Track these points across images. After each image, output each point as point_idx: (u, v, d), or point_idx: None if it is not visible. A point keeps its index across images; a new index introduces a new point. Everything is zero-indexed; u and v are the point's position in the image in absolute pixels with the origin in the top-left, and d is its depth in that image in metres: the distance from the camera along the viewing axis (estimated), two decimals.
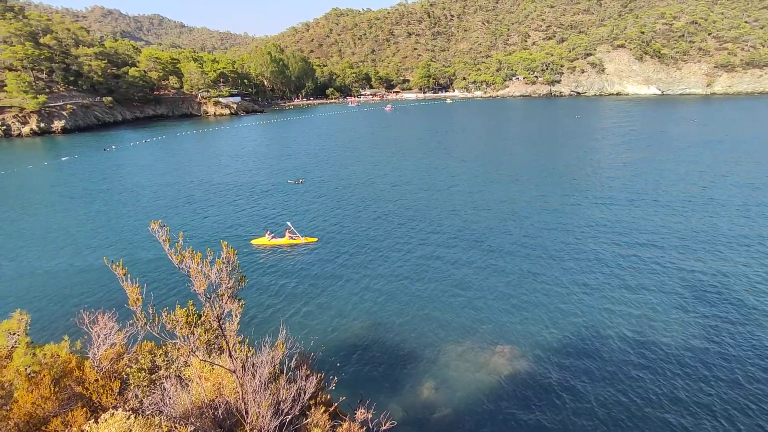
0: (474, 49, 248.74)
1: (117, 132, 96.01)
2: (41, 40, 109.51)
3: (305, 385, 6.62)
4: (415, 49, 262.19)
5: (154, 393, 8.35)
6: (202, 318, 5.74)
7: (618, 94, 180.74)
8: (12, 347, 9.33)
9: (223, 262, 5.31)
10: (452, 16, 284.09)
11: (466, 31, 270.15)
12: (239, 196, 41.54)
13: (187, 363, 8.23)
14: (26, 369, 8.79)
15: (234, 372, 5.79)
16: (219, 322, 5.44)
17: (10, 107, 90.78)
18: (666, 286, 22.07)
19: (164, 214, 36.01)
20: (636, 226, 30.44)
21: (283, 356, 6.64)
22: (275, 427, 5.79)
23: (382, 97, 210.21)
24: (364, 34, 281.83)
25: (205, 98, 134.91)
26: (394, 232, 30.62)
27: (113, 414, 5.32)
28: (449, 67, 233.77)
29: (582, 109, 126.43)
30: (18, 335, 9.47)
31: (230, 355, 5.67)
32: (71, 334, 10.06)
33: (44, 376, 8.52)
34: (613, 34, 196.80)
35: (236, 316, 5.56)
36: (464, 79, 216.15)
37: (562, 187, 41.14)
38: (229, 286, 5.39)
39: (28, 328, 9.57)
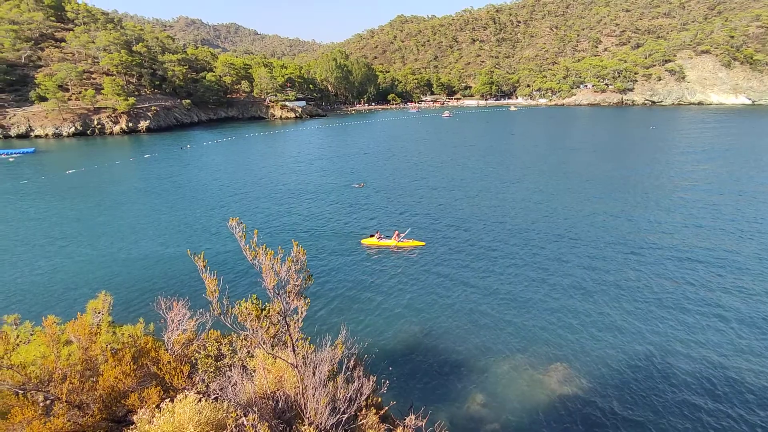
0: (540, 55, 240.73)
1: (193, 132, 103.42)
2: (134, 48, 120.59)
3: (361, 387, 6.72)
4: (479, 55, 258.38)
5: (218, 379, 8.87)
6: (268, 312, 6.03)
7: (700, 103, 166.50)
8: (97, 325, 10.25)
9: (293, 261, 5.56)
10: (518, 22, 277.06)
11: (532, 37, 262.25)
12: (310, 195, 43.10)
13: (250, 354, 8.66)
14: (107, 346, 9.59)
15: (296, 367, 6.01)
16: (285, 317, 5.68)
17: (105, 108, 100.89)
18: (753, 320, 19.95)
19: (237, 211, 38.12)
20: (721, 253, 27.74)
21: (342, 356, 6.80)
22: (332, 425, 5.94)
23: (443, 103, 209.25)
24: (428, 41, 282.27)
25: (273, 102, 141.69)
26: (467, 240, 30.40)
27: (186, 396, 5.73)
28: (513, 74, 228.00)
29: (658, 119, 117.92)
30: (102, 314, 10.40)
31: (293, 350, 5.90)
32: (144, 316, 10.90)
33: (125, 353, 9.26)
34: (697, 38, 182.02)
35: (301, 313, 5.79)
36: (528, 86, 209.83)
37: (635, 204, 38.61)
38: (296, 283, 5.62)
39: (111, 308, 10.48)
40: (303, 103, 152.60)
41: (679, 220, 33.48)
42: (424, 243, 29.72)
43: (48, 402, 8.15)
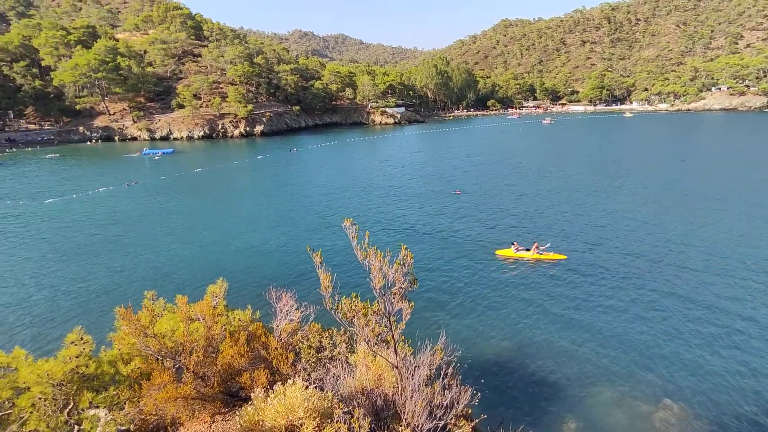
0: (662, 55, 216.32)
1: (300, 137, 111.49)
2: (255, 60, 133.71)
3: (458, 396, 6.65)
4: (589, 58, 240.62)
5: (318, 370, 9.41)
6: (373, 311, 6.26)
7: None
8: (215, 307, 11.47)
9: (400, 264, 5.72)
10: (638, 20, 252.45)
11: (653, 35, 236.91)
12: (408, 200, 43.76)
13: (349, 349, 9.06)
14: (223, 327, 10.66)
15: (396, 367, 6.16)
16: (389, 318, 5.86)
17: (228, 114, 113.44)
18: None
19: (339, 212, 40.01)
20: None
21: (440, 362, 6.80)
22: (428, 430, 5.97)
23: (546, 109, 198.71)
24: (532, 45, 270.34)
25: (374, 108, 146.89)
26: (608, 258, 27.56)
27: (295, 382, 6.19)
28: (628, 77, 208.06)
29: None
30: (218, 298, 11.63)
31: (395, 351, 6.05)
32: (250, 303, 11.92)
33: (240, 336, 10.25)
34: None
35: (406, 315, 5.92)
36: (646, 89, 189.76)
37: None
38: (402, 286, 5.77)
39: (226, 293, 11.65)
40: (402, 109, 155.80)
41: None
42: (566, 257, 27.31)
43: (174, 370, 9.35)
